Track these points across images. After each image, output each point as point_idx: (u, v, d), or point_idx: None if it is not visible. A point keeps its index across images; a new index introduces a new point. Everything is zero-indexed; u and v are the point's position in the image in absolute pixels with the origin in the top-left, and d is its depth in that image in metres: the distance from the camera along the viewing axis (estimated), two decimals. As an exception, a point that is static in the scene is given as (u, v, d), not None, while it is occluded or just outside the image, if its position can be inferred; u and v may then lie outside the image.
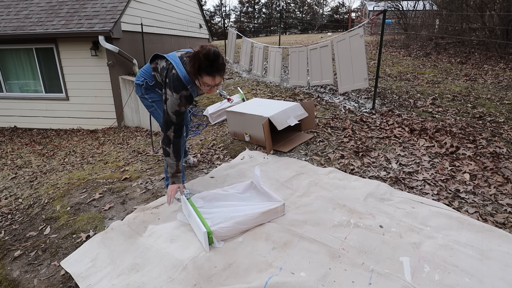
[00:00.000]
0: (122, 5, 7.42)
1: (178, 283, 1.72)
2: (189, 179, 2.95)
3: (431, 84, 6.37)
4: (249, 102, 3.98)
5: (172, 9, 10.38)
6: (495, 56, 8.78)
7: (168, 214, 2.36)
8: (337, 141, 3.56)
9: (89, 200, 2.70)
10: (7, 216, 2.69)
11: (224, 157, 3.43)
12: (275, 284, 1.61)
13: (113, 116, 7.50)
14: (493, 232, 2.00)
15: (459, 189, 2.57)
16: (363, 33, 4.37)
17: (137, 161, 3.72)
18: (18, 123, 8.12)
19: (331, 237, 2.00)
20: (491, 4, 9.59)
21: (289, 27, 40.60)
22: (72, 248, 2.12)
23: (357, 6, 38.43)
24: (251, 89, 6.14)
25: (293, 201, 2.44)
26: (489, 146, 3.32)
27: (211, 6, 72.22)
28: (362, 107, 4.89)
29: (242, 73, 8.18)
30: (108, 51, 7.00)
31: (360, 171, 2.91)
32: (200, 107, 5.84)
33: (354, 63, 4.54)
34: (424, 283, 1.64)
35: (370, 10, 22.34)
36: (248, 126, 3.53)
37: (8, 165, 5.29)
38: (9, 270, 2.00)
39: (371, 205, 2.34)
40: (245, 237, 2.04)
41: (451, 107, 4.78)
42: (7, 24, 7.43)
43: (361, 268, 1.74)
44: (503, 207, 2.32)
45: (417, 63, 8.77)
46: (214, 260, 1.86)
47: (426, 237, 1.97)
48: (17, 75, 7.96)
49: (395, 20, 15.01)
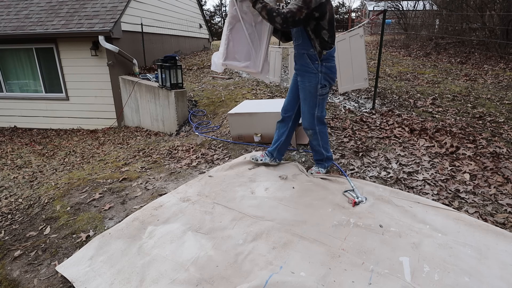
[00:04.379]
0: (122, 5, 7.42)
1: (180, 284, 1.72)
2: (189, 178, 2.95)
3: (431, 84, 6.37)
4: (245, 104, 3.98)
5: (172, 9, 10.37)
6: (495, 56, 8.77)
7: (168, 215, 2.36)
8: (337, 141, 3.56)
9: (89, 200, 2.70)
10: (7, 216, 2.70)
11: (224, 157, 3.43)
12: (275, 284, 1.62)
13: (113, 116, 7.49)
14: (491, 231, 2.00)
15: (459, 189, 2.57)
16: (363, 33, 4.37)
17: (137, 161, 3.72)
18: (18, 123, 8.11)
19: (331, 237, 2.00)
20: (491, 4, 9.59)
21: (289, 27, 40.53)
22: (72, 248, 2.13)
23: (357, 6, 38.43)
24: (251, 89, 6.14)
25: (293, 200, 2.45)
26: (489, 146, 3.32)
27: (211, 6, 72.20)
28: (362, 107, 4.89)
29: (242, 73, 8.18)
30: (108, 51, 7.00)
31: (360, 171, 2.91)
32: (200, 108, 5.84)
33: (354, 63, 4.55)
34: (424, 283, 1.64)
35: (370, 10, 22.34)
36: (259, 125, 3.53)
37: (8, 165, 5.29)
38: (9, 270, 2.00)
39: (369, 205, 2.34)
40: (245, 238, 2.04)
41: (451, 107, 4.78)
42: (7, 24, 7.43)
43: (361, 268, 1.75)
44: (503, 207, 2.32)
45: (417, 63, 8.77)
46: (215, 260, 1.86)
47: (425, 237, 1.98)
48: (17, 75, 7.96)
49: (395, 20, 15.01)
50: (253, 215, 2.27)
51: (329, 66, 2.40)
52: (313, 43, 2.27)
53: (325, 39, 2.22)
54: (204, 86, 6.95)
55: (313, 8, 2.09)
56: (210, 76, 8.18)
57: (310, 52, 2.31)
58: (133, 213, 2.42)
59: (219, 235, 2.08)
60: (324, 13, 2.12)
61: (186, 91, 5.75)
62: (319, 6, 2.10)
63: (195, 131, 4.76)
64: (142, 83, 6.52)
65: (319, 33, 2.18)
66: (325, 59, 2.34)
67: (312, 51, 2.30)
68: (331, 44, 2.29)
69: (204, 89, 6.73)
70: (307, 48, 2.32)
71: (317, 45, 2.26)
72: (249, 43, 2.45)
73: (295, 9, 2.07)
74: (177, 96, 5.51)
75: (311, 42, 2.26)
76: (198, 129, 4.87)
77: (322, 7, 2.11)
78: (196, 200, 2.53)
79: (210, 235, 2.10)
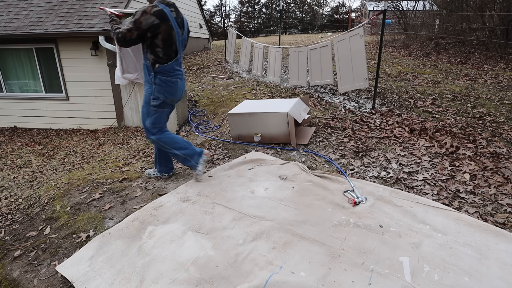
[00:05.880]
0: (122, 5, 7.42)
1: (180, 284, 1.72)
2: (189, 178, 2.95)
3: (431, 84, 6.37)
4: (245, 104, 3.99)
5: (172, 9, 10.35)
6: (495, 56, 8.77)
7: (168, 215, 2.36)
8: (337, 141, 3.56)
9: (89, 200, 2.70)
10: (7, 216, 2.70)
11: (224, 157, 3.43)
12: (275, 284, 1.62)
13: (113, 116, 7.49)
14: (491, 231, 2.00)
15: (459, 189, 2.57)
16: (363, 33, 4.37)
17: (137, 161, 3.72)
18: (18, 123, 8.11)
19: (331, 237, 2.00)
20: (491, 4, 9.58)
21: (289, 27, 40.60)
22: (72, 248, 2.13)
23: (357, 6, 38.42)
24: (251, 89, 6.14)
25: (293, 200, 2.45)
26: (489, 146, 3.32)
27: (211, 6, 72.19)
28: (362, 107, 4.89)
29: (242, 73, 8.18)
30: (108, 51, 7.00)
31: (360, 171, 2.91)
32: (200, 108, 5.84)
33: (354, 63, 4.55)
34: (424, 283, 1.64)
35: (370, 10, 22.33)
36: (259, 125, 3.53)
37: (8, 165, 5.29)
38: (9, 270, 2.00)
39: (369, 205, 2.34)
40: (245, 238, 2.04)
41: (451, 107, 4.78)
42: (7, 24, 7.43)
43: (361, 268, 1.75)
44: (503, 207, 2.32)
45: (417, 63, 8.77)
46: (215, 260, 1.86)
47: (425, 237, 1.98)
48: (17, 75, 7.96)
49: (395, 20, 15.00)
50: (253, 215, 2.27)
51: (164, 80, 2.52)
52: (148, 56, 2.48)
53: (159, 55, 2.44)
54: (204, 86, 6.95)
55: (144, 29, 2.31)
56: (210, 76, 8.18)
57: (147, 63, 2.52)
58: (133, 213, 2.42)
59: (219, 235, 2.08)
60: (157, 33, 2.35)
61: (186, 91, 5.75)
62: (151, 27, 2.31)
63: (195, 131, 4.76)
64: (142, 83, 6.51)
65: (153, 49, 2.41)
66: (160, 72, 2.50)
67: (148, 63, 2.50)
68: (166, 60, 2.47)
69: (204, 89, 6.73)
70: (145, 60, 2.53)
71: (151, 58, 2.47)
72: (133, 57, 2.86)
73: (125, 31, 2.34)
74: (177, 96, 5.51)
75: (147, 55, 2.49)
76: (198, 129, 4.87)
77: (154, 28, 2.32)
78: (196, 200, 2.53)
79: (210, 235, 2.10)
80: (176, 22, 2.44)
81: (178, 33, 2.47)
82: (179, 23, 2.47)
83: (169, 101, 2.62)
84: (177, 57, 2.51)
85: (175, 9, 2.47)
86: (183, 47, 2.61)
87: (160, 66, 2.47)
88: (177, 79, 2.57)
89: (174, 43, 2.45)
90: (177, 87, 2.59)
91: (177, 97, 2.64)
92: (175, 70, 2.54)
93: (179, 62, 2.57)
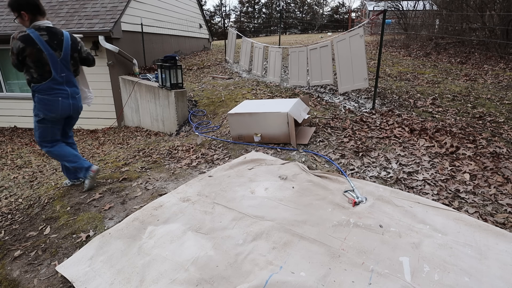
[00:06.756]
0: (122, 5, 7.42)
1: (180, 284, 1.72)
2: (189, 178, 2.95)
3: (431, 84, 6.37)
4: (245, 104, 3.99)
5: (172, 9, 10.37)
6: (495, 56, 8.77)
7: (168, 215, 2.36)
8: (337, 141, 3.56)
9: (89, 200, 2.71)
10: (7, 216, 2.70)
11: (224, 157, 3.43)
12: (275, 284, 1.62)
13: (113, 116, 7.49)
14: (491, 231, 2.00)
15: (459, 189, 2.57)
16: (363, 33, 4.37)
17: (137, 161, 3.72)
18: (18, 123, 8.11)
19: (331, 237, 2.00)
20: (491, 4, 9.58)
21: (289, 27, 40.59)
22: (72, 248, 2.13)
23: (357, 6, 38.43)
24: (251, 89, 6.14)
25: (293, 200, 2.45)
26: (489, 146, 3.32)
27: (211, 6, 72.18)
28: (362, 107, 4.89)
29: (242, 73, 8.18)
30: (108, 51, 7.00)
31: (360, 171, 2.91)
32: (200, 108, 5.84)
33: (354, 63, 4.55)
34: (424, 283, 1.64)
35: (370, 10, 22.33)
36: (259, 125, 3.53)
37: (8, 165, 5.29)
38: (9, 270, 2.00)
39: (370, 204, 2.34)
40: (245, 238, 2.04)
41: (451, 107, 4.78)
42: (7, 24, 7.43)
43: (361, 268, 1.75)
44: (503, 207, 2.32)
45: (417, 63, 8.77)
46: (215, 260, 1.86)
47: (425, 237, 1.98)
48: (17, 75, 7.95)
49: (395, 20, 15.00)
50: (253, 215, 2.27)
51: (42, 98, 2.65)
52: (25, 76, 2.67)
53: (33, 75, 2.61)
54: (204, 86, 6.95)
55: (16, 54, 2.53)
56: (210, 76, 8.18)
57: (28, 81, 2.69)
58: (133, 213, 2.42)
59: (219, 235, 2.08)
60: (25, 56, 2.54)
61: (186, 91, 5.75)
62: (20, 52, 2.51)
63: (195, 131, 4.76)
64: (142, 83, 6.52)
65: (28, 70, 2.60)
66: (37, 91, 2.65)
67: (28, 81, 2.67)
68: (39, 80, 2.62)
69: (204, 89, 6.73)
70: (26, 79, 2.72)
71: (26, 78, 2.66)
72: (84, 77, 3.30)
73: (10, 57, 2.59)
74: (177, 96, 5.52)
75: (25, 75, 2.67)
76: (198, 129, 4.88)
77: (22, 52, 2.51)
78: (196, 200, 2.53)
79: (210, 235, 2.10)
80: (49, 45, 2.57)
81: (52, 55, 2.59)
82: (54, 45, 2.60)
83: (50, 118, 2.72)
84: (52, 77, 2.63)
85: (49, 32, 2.58)
86: (65, 67, 2.71)
87: (34, 86, 2.63)
88: (58, 97, 2.68)
89: (46, 64, 2.59)
90: (58, 105, 2.69)
91: (60, 115, 2.75)
92: (53, 89, 2.66)
93: (58, 81, 2.67)
